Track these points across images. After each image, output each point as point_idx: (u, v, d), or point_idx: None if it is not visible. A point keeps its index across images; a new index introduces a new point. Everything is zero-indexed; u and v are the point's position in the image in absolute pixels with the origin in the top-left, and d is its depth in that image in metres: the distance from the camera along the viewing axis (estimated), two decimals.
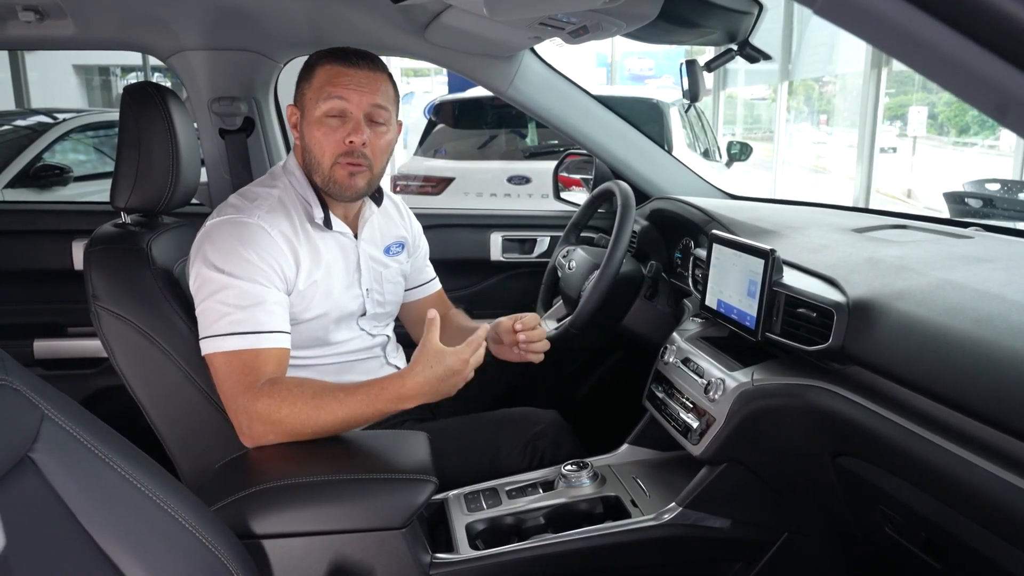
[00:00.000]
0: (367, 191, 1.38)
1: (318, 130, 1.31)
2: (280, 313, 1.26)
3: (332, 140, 1.30)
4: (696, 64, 1.70)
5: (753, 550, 1.34)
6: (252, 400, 1.17)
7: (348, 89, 1.29)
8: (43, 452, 0.73)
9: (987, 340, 0.87)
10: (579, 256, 1.77)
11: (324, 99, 1.29)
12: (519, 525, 1.34)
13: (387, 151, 1.37)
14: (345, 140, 1.30)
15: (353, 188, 1.34)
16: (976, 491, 0.85)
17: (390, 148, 1.38)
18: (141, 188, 1.39)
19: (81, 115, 5.30)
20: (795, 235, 1.44)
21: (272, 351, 1.23)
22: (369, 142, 1.31)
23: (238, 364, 1.20)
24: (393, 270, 1.53)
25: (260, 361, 1.21)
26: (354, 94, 1.29)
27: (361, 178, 1.34)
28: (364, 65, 1.31)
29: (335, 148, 1.31)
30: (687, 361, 1.39)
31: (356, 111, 1.30)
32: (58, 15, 1.66)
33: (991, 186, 5.51)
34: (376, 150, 1.33)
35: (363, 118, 1.30)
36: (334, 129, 1.30)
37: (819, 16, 0.45)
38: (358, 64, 1.31)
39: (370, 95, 1.30)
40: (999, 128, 8.24)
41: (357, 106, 1.30)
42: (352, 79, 1.30)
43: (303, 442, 1.20)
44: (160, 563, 0.79)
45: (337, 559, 1.09)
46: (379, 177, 1.40)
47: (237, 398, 1.19)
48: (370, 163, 1.33)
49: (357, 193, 1.36)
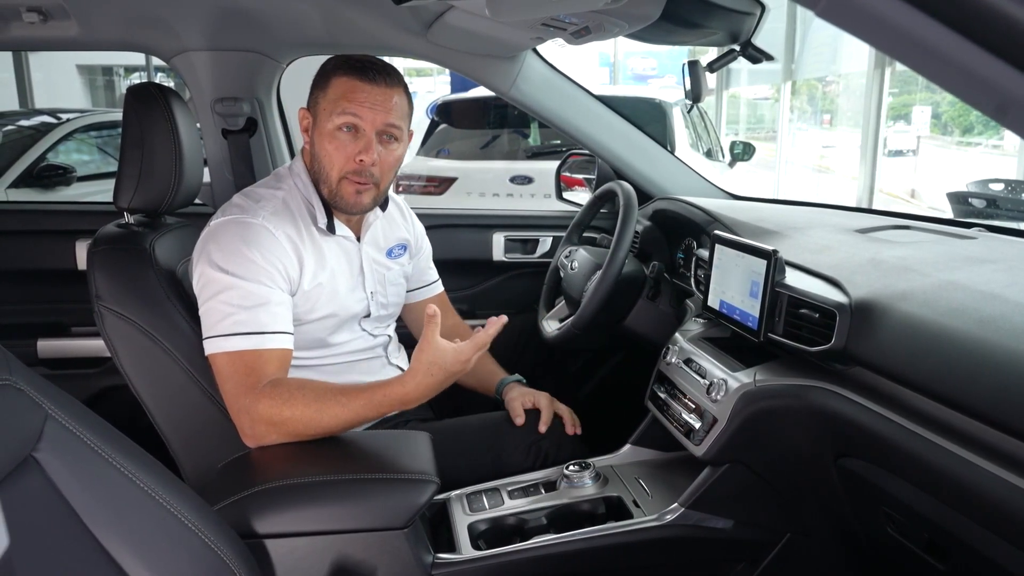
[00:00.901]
0: (372, 207, 1.39)
1: (329, 143, 1.30)
2: (283, 314, 1.26)
3: (342, 155, 1.30)
4: (698, 65, 1.70)
5: (755, 551, 1.34)
6: (254, 401, 1.18)
7: (363, 107, 1.28)
8: (46, 451, 0.74)
9: (989, 341, 0.87)
10: (581, 256, 1.77)
11: (338, 113, 1.29)
12: (521, 525, 1.34)
13: (396, 166, 1.37)
14: (355, 158, 1.29)
15: (359, 206, 1.35)
16: (978, 492, 0.84)
17: (399, 162, 1.39)
18: (144, 188, 1.39)
19: (84, 115, 5.31)
20: (797, 235, 1.44)
21: (275, 352, 1.23)
22: (379, 160, 1.31)
23: (241, 364, 1.20)
24: (395, 272, 1.53)
25: (263, 362, 1.21)
26: (368, 112, 1.29)
27: (367, 196, 1.34)
28: (380, 80, 1.30)
29: (344, 164, 1.31)
30: (689, 362, 1.39)
31: (369, 129, 1.29)
32: (61, 16, 1.66)
33: (995, 186, 5.50)
34: (385, 167, 1.34)
35: (375, 136, 1.30)
36: (345, 144, 1.30)
37: (821, 18, 0.45)
38: (374, 80, 1.29)
39: (384, 114, 1.30)
40: (1003, 128, 8.20)
41: (370, 124, 1.29)
42: (367, 96, 1.29)
43: (306, 442, 1.20)
44: (163, 562, 0.79)
45: (339, 559, 1.09)
46: (385, 192, 1.41)
47: (239, 398, 1.19)
48: (377, 181, 1.34)
49: (362, 209, 1.37)
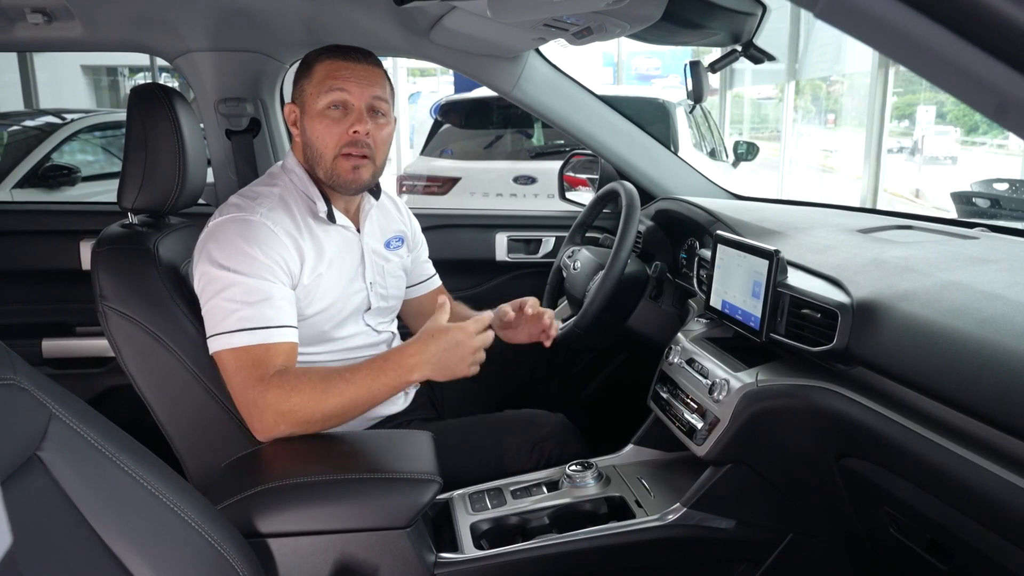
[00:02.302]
0: (370, 183, 1.40)
1: (320, 123, 1.32)
2: (287, 308, 1.27)
3: (335, 132, 1.32)
4: (700, 65, 1.70)
5: (758, 551, 1.34)
6: (262, 393, 1.18)
7: (349, 82, 1.31)
8: (51, 451, 0.74)
9: (991, 341, 0.87)
10: (584, 256, 1.77)
11: (326, 92, 1.31)
12: (523, 525, 1.34)
13: (387, 143, 1.39)
14: (349, 131, 1.31)
15: (358, 182, 1.36)
16: (980, 492, 0.84)
17: (390, 140, 1.41)
18: (148, 189, 1.39)
19: (89, 115, 5.32)
20: (800, 236, 1.44)
21: (281, 345, 1.24)
22: (371, 133, 1.33)
23: (248, 360, 1.21)
24: (395, 264, 1.54)
25: (270, 356, 1.22)
26: (355, 86, 1.31)
27: (365, 171, 1.35)
28: (362, 60, 1.34)
29: (338, 139, 1.32)
30: (692, 362, 1.39)
31: (358, 102, 1.32)
32: (66, 17, 1.67)
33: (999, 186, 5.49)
34: (378, 141, 1.35)
35: (365, 108, 1.32)
36: (337, 121, 1.32)
37: (819, 19, 0.45)
38: (356, 59, 1.33)
39: (370, 87, 1.32)
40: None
41: (359, 98, 1.32)
42: (352, 72, 1.32)
43: (309, 441, 1.20)
44: (166, 561, 0.79)
45: (342, 558, 1.09)
46: (381, 169, 1.42)
47: (248, 392, 1.19)
48: (373, 153, 1.35)
49: (361, 186, 1.38)
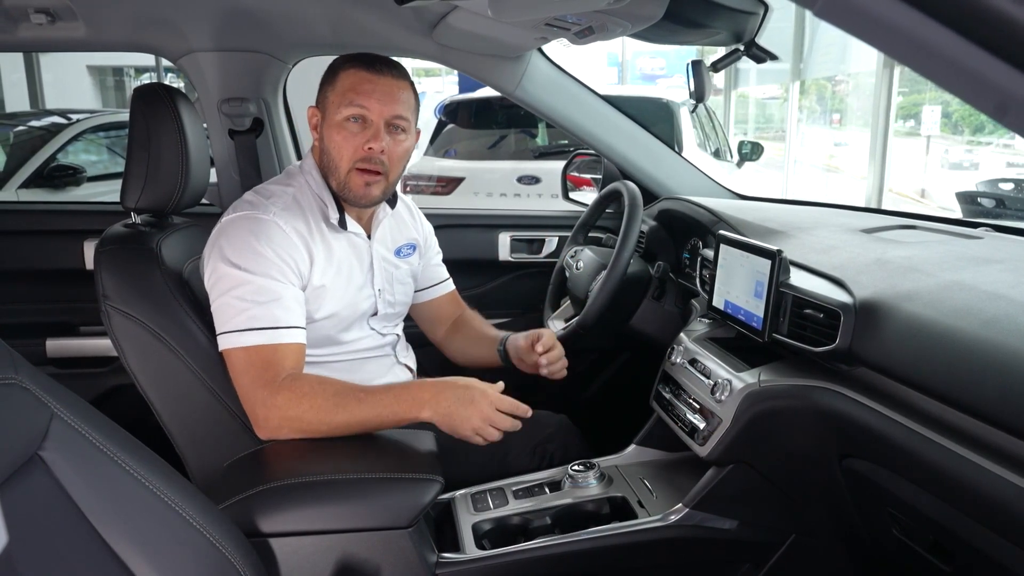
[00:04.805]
0: (381, 199, 1.40)
1: (338, 134, 1.32)
2: (297, 309, 1.27)
3: (351, 145, 1.32)
4: (702, 64, 1.69)
5: (760, 551, 1.34)
6: (272, 394, 1.19)
7: (371, 98, 1.30)
8: (52, 450, 0.74)
9: (995, 342, 0.87)
10: (587, 256, 1.77)
11: (346, 105, 1.31)
12: (525, 525, 1.34)
13: (404, 158, 1.39)
14: (364, 146, 1.31)
15: (368, 198, 1.36)
16: (983, 493, 0.84)
17: (407, 155, 1.40)
18: (151, 189, 1.40)
19: (94, 116, 5.34)
20: (803, 235, 1.43)
21: (290, 346, 1.24)
22: (387, 149, 1.32)
23: (257, 359, 1.21)
24: (404, 271, 1.54)
25: (279, 356, 1.22)
26: (376, 103, 1.31)
27: (376, 188, 1.35)
28: (387, 73, 1.33)
29: (353, 153, 1.32)
30: (694, 362, 1.39)
31: (377, 119, 1.31)
32: (69, 17, 1.67)
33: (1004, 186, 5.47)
34: (394, 157, 1.35)
35: (383, 125, 1.32)
36: (354, 135, 1.31)
37: (818, 17, 0.45)
38: (381, 72, 1.32)
39: (391, 105, 1.32)
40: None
41: (378, 115, 1.31)
42: (375, 87, 1.31)
43: (311, 441, 1.21)
44: (168, 561, 0.79)
45: (344, 558, 1.09)
46: (394, 185, 1.42)
47: (256, 391, 1.20)
48: (387, 170, 1.34)
49: (371, 202, 1.38)
